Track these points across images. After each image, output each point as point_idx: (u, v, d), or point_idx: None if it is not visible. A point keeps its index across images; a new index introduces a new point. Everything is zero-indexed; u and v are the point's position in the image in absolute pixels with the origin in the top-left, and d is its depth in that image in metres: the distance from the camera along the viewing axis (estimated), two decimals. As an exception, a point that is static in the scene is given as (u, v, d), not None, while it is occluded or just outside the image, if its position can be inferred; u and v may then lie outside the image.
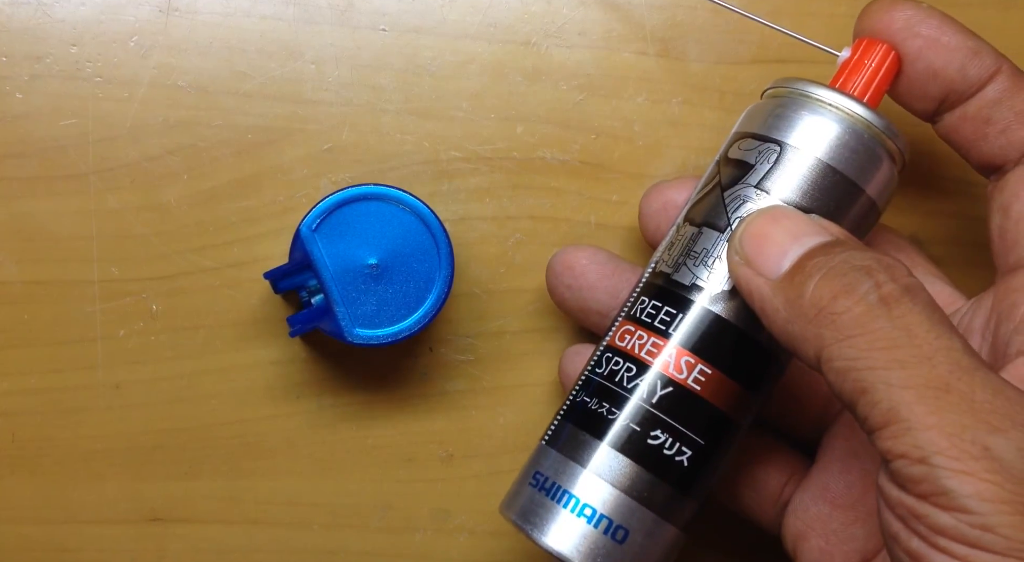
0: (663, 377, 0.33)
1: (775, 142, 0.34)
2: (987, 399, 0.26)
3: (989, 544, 0.25)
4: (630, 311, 0.35)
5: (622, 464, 0.33)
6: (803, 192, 0.33)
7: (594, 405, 0.34)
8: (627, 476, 0.33)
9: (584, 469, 0.33)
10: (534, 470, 0.35)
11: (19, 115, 0.39)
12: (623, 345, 0.34)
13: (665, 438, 0.33)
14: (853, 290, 0.28)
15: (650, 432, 0.33)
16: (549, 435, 0.35)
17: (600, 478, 0.33)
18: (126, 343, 0.40)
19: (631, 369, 0.34)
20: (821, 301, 0.29)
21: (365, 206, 0.37)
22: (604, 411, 0.34)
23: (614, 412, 0.34)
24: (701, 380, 0.33)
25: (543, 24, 0.41)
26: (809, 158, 0.34)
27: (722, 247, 0.34)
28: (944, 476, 0.26)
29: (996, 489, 0.25)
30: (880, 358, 0.27)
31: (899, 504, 0.27)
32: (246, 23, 0.40)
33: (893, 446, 0.27)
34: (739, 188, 0.34)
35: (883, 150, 0.34)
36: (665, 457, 0.33)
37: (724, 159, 0.35)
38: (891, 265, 0.29)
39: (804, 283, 0.29)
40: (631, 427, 0.33)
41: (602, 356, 0.35)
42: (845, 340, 0.28)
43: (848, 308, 0.28)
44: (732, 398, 0.34)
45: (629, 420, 0.33)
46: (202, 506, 0.40)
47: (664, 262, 0.35)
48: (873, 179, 0.34)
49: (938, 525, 0.26)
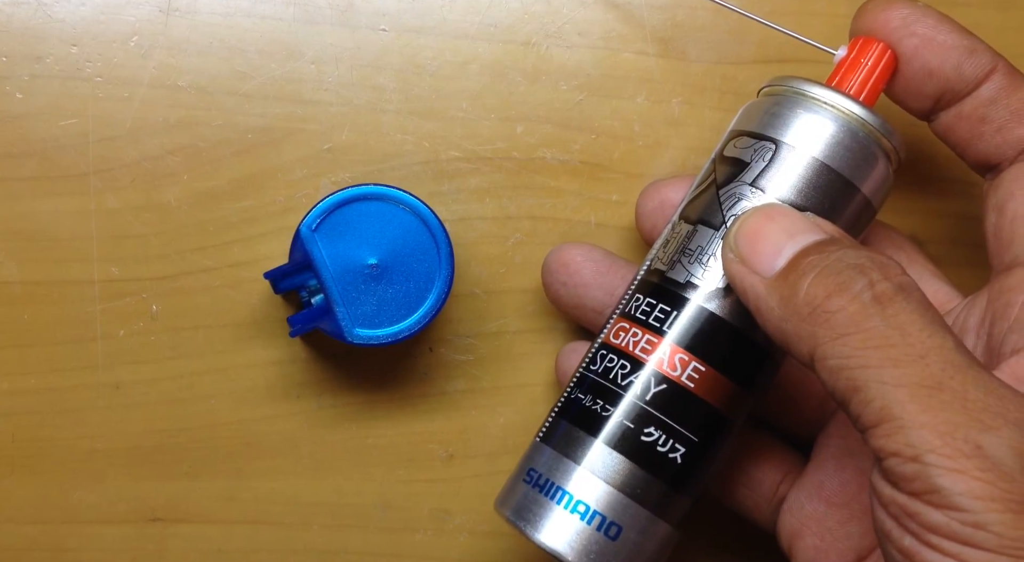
0: (657, 374, 0.34)
1: (770, 140, 0.34)
2: (979, 397, 0.26)
3: (981, 542, 0.25)
4: (625, 308, 0.35)
5: (616, 461, 0.33)
6: (798, 190, 0.34)
7: (588, 402, 0.34)
8: (621, 473, 0.33)
9: (578, 466, 0.34)
10: (528, 467, 0.35)
11: (19, 115, 0.39)
12: (617, 342, 0.34)
13: (659, 435, 0.33)
14: (847, 288, 0.28)
15: (644, 429, 0.33)
16: (543, 432, 0.35)
17: (594, 475, 0.33)
18: (126, 343, 0.40)
19: (625, 366, 0.34)
20: (815, 299, 0.29)
21: (365, 206, 0.37)
22: (598, 408, 0.34)
23: (608, 409, 0.34)
24: (695, 378, 0.33)
25: (543, 24, 0.41)
26: (804, 156, 0.34)
27: (717, 245, 0.34)
28: (936, 474, 0.26)
29: (988, 487, 0.25)
30: (873, 356, 0.27)
31: (891, 502, 0.27)
32: (246, 23, 0.40)
33: (886, 444, 0.27)
34: (734, 186, 0.34)
35: (878, 149, 0.34)
36: (659, 454, 0.33)
37: (720, 157, 0.35)
38: (885, 264, 0.29)
39: (798, 281, 0.29)
40: (625, 424, 0.33)
41: (596, 353, 0.35)
42: (839, 338, 0.28)
43: (842, 306, 0.28)
44: (726, 395, 0.34)
45: (623, 417, 0.33)
46: (202, 506, 0.40)
47: (659, 260, 0.35)
48: (868, 178, 0.34)
49: (930, 523, 0.26)
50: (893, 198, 0.36)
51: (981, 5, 0.42)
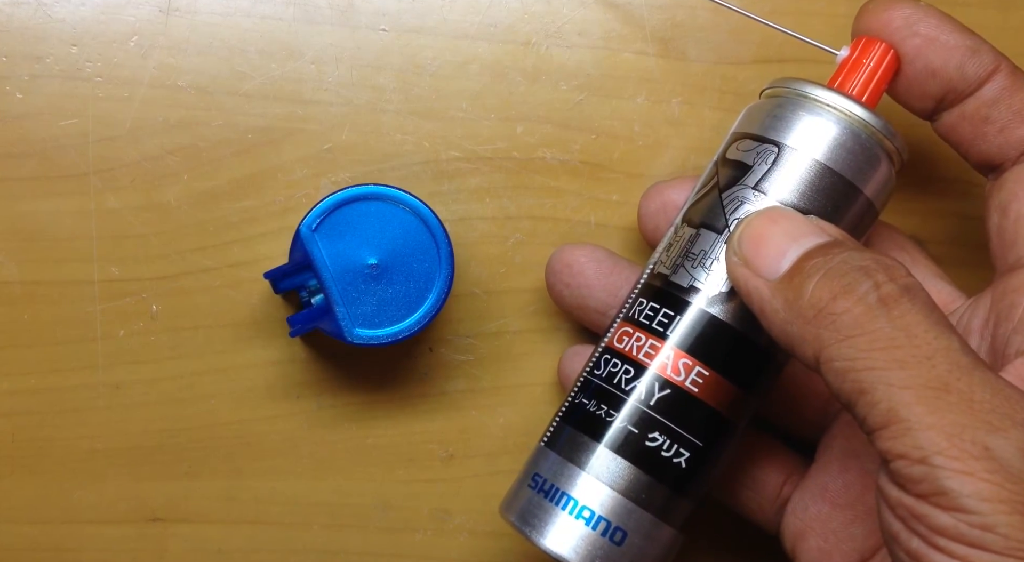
0: (660, 379, 0.34)
1: (773, 143, 0.34)
2: (986, 399, 0.26)
3: (989, 544, 0.25)
4: (628, 312, 0.35)
5: (620, 466, 0.33)
6: (801, 193, 0.34)
7: (592, 407, 0.34)
8: (625, 478, 0.33)
9: (582, 471, 0.34)
10: (533, 472, 0.35)
11: (19, 115, 0.39)
12: (621, 347, 0.35)
13: (663, 440, 0.33)
14: (852, 291, 0.28)
15: (648, 434, 0.33)
16: (548, 437, 0.35)
17: (598, 480, 0.33)
18: (126, 343, 0.40)
19: (629, 371, 0.34)
20: (820, 302, 0.29)
21: (365, 206, 0.37)
22: (602, 413, 0.34)
23: (612, 414, 0.34)
24: (699, 382, 0.33)
25: (543, 24, 0.41)
26: (807, 159, 0.34)
27: (720, 248, 0.34)
28: (944, 476, 0.26)
29: (996, 489, 0.25)
30: (879, 358, 0.27)
31: (899, 504, 0.27)
32: (246, 23, 0.40)
33: (893, 446, 0.27)
34: (737, 189, 0.34)
35: (881, 150, 0.34)
36: (663, 459, 0.33)
37: (722, 160, 0.35)
38: (890, 265, 0.29)
39: (803, 284, 0.29)
40: (629, 429, 0.33)
41: (600, 358, 0.35)
42: (844, 341, 0.28)
43: (847, 309, 0.28)
44: (729, 399, 0.34)
45: (627, 422, 0.34)
46: (202, 506, 0.40)
47: (662, 263, 0.35)
48: (871, 180, 0.34)
49: (938, 525, 0.26)
50: (895, 198, 0.36)
51: (981, 5, 0.42)
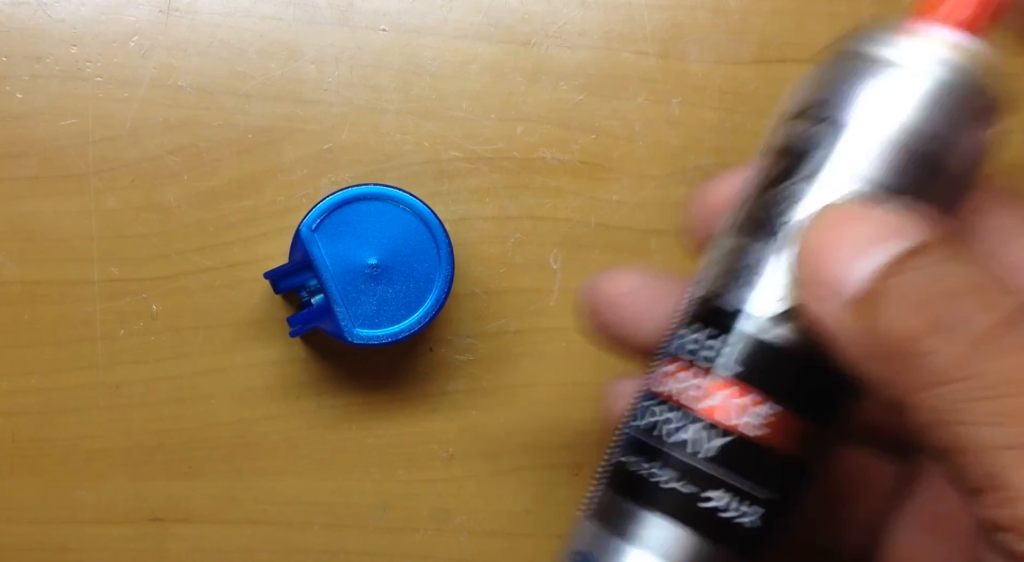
0: (711, 425, 0.27)
1: (832, 120, 0.27)
2: None
3: None
4: (667, 347, 0.29)
5: (672, 534, 0.27)
6: (872, 180, 0.26)
7: (633, 466, 0.28)
8: (680, 548, 0.27)
9: (630, 546, 0.27)
10: (574, 549, 0.29)
11: (19, 115, 0.39)
12: (662, 390, 0.28)
13: (721, 498, 0.27)
14: (942, 324, 0.23)
15: (702, 493, 0.27)
16: (587, 505, 0.30)
17: (649, 552, 0.27)
18: (126, 343, 0.40)
19: (672, 419, 0.28)
20: (903, 338, 0.23)
21: (365, 206, 0.37)
22: (645, 473, 0.28)
23: (656, 474, 0.28)
24: (758, 424, 0.27)
25: (543, 24, 0.41)
26: (878, 135, 0.26)
27: (771, 261, 0.27)
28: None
29: None
30: (976, 412, 0.23)
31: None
32: (246, 23, 0.40)
33: (997, 516, 0.23)
34: (789, 184, 0.27)
35: (980, 103, 0.26)
36: (722, 520, 0.27)
37: (770, 149, 0.28)
38: (989, 286, 0.23)
39: (880, 313, 0.24)
40: (679, 490, 0.27)
41: (638, 405, 0.29)
42: (932, 389, 0.23)
43: (935, 349, 0.23)
44: (799, 438, 0.27)
45: (675, 481, 0.27)
46: (202, 506, 0.40)
47: (704, 285, 0.29)
48: (965, 145, 0.27)
49: None
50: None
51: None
